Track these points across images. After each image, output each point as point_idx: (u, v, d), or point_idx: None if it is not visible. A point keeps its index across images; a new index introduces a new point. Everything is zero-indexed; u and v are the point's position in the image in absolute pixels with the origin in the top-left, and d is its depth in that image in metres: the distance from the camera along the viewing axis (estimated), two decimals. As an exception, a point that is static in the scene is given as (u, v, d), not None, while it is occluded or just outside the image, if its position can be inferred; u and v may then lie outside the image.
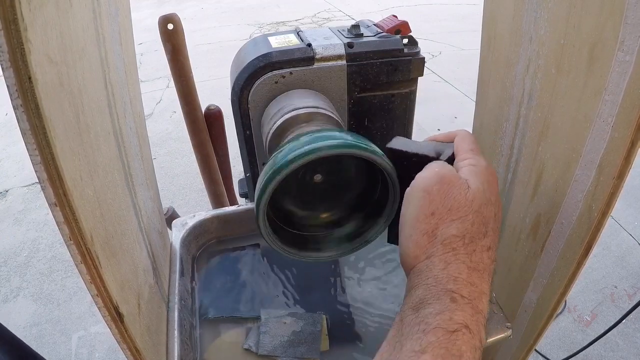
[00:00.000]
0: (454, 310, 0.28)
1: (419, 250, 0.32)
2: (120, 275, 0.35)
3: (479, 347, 0.28)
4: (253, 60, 0.52)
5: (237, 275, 0.62)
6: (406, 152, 0.39)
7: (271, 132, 0.49)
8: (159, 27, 0.77)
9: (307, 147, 0.37)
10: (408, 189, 0.35)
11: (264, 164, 0.59)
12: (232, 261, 0.64)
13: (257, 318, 0.55)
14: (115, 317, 0.32)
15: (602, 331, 0.88)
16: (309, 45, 0.53)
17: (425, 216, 0.33)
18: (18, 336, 0.68)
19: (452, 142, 0.39)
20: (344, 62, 0.53)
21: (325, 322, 0.55)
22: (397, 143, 0.41)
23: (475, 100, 0.64)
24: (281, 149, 0.39)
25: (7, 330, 0.60)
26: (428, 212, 0.33)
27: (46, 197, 0.25)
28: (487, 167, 0.35)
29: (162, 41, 0.79)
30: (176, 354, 0.46)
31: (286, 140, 0.46)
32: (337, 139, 0.38)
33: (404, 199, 0.35)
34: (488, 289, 0.31)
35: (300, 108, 0.49)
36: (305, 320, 0.55)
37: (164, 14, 0.77)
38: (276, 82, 0.52)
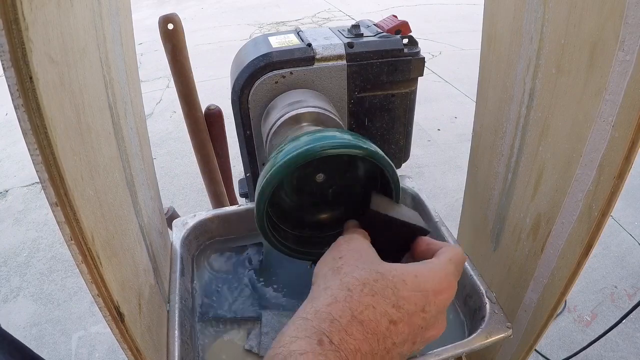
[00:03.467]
0: (317, 355, 0.27)
1: (320, 280, 0.33)
2: (121, 275, 0.35)
3: None
4: (253, 60, 0.52)
5: (238, 275, 0.62)
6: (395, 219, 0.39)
7: (271, 132, 0.49)
8: (159, 27, 0.77)
9: (307, 147, 0.37)
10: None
11: (264, 164, 0.59)
12: (232, 261, 0.64)
13: (258, 318, 0.55)
14: (116, 317, 0.32)
15: (602, 331, 0.88)
16: (309, 45, 0.53)
17: (333, 258, 0.34)
18: (18, 336, 0.68)
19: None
20: (344, 62, 0.53)
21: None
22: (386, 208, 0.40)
23: (475, 100, 0.64)
24: (281, 148, 0.39)
25: (7, 333, 0.60)
26: (336, 256, 0.34)
27: (47, 197, 0.25)
28: (445, 276, 0.33)
29: (162, 41, 0.79)
30: (177, 354, 0.46)
31: (286, 140, 0.46)
32: (337, 139, 0.38)
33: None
34: (369, 352, 0.28)
35: (300, 108, 0.49)
36: (306, 320, 0.55)
37: (164, 14, 0.77)
38: (276, 82, 0.52)
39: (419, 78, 0.58)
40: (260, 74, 0.51)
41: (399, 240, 0.39)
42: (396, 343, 0.30)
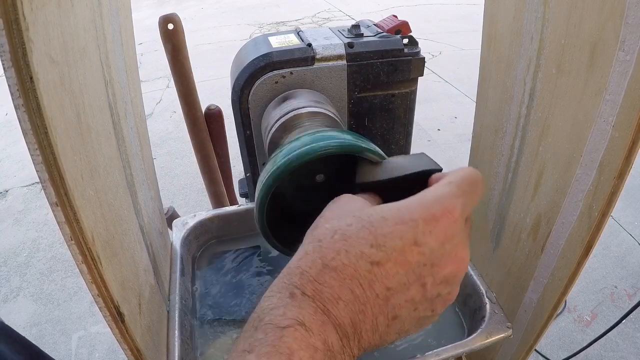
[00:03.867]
0: (289, 306, 0.25)
1: (305, 240, 0.30)
2: (121, 275, 0.35)
3: (321, 349, 0.24)
4: (253, 60, 0.52)
5: (238, 275, 0.62)
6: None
7: (271, 132, 0.49)
8: (159, 27, 0.77)
9: (307, 147, 0.37)
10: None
11: (264, 164, 0.59)
12: (232, 261, 0.64)
13: (258, 318, 0.55)
14: (116, 317, 0.32)
15: (602, 331, 0.88)
16: (309, 45, 0.53)
17: (320, 217, 0.31)
18: (18, 336, 0.68)
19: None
20: (344, 62, 0.53)
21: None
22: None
23: (475, 100, 0.64)
24: (281, 149, 0.39)
25: (13, 330, 0.60)
26: (322, 215, 0.31)
27: (47, 197, 0.25)
28: (440, 204, 0.28)
29: (162, 41, 0.80)
30: (177, 354, 0.46)
31: (286, 140, 0.46)
32: (337, 139, 0.38)
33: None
34: (353, 299, 0.26)
35: (300, 108, 0.49)
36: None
37: (164, 14, 0.77)
38: (276, 82, 0.52)
39: (419, 78, 0.58)
40: (260, 74, 0.51)
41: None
42: (392, 287, 0.26)
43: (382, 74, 0.55)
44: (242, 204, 0.70)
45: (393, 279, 0.26)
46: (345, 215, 0.29)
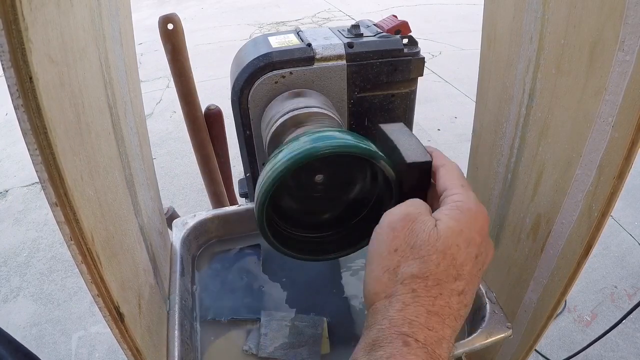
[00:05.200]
0: (406, 355, 0.27)
1: (379, 287, 0.31)
2: (121, 275, 0.35)
3: None
4: (253, 60, 0.52)
5: (238, 275, 0.62)
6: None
7: (271, 132, 0.49)
8: (159, 27, 0.77)
9: (307, 147, 0.37)
10: (377, 226, 0.34)
11: (264, 164, 0.59)
12: (232, 261, 0.64)
13: (258, 320, 0.55)
14: (116, 317, 0.32)
15: (602, 331, 0.88)
16: (309, 45, 0.53)
17: (389, 252, 0.31)
18: (18, 336, 0.68)
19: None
20: (344, 62, 0.53)
21: (326, 324, 0.55)
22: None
23: (475, 100, 0.64)
24: (281, 149, 0.39)
25: (6, 333, 0.60)
26: (391, 249, 0.31)
27: (47, 197, 0.25)
28: (475, 206, 0.33)
29: (162, 41, 0.79)
30: (177, 354, 0.46)
31: (286, 140, 0.46)
32: (338, 139, 0.38)
33: (373, 234, 0.34)
34: (451, 334, 0.29)
35: (300, 108, 0.49)
36: (306, 323, 0.55)
37: (164, 14, 0.77)
38: (276, 82, 0.52)
39: (419, 78, 0.58)
40: (260, 74, 0.51)
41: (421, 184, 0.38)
42: (467, 304, 0.31)
43: (382, 74, 0.55)
44: (242, 204, 0.70)
45: (468, 298, 0.31)
46: (423, 248, 0.31)
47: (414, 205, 0.34)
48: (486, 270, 0.34)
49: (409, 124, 0.62)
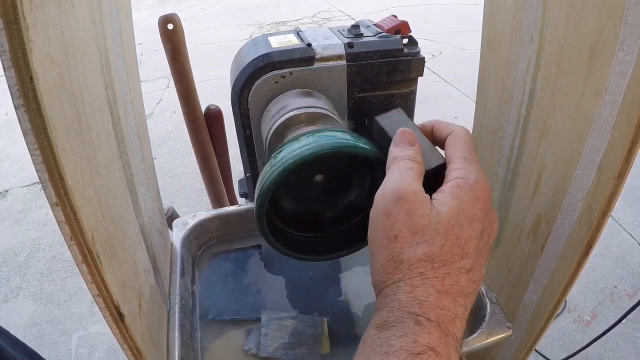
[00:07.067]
0: (418, 333, 0.27)
1: (386, 275, 0.31)
2: (121, 275, 0.35)
3: None
4: (253, 60, 0.52)
5: (238, 276, 0.62)
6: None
7: (271, 132, 0.49)
8: (159, 27, 0.77)
9: (307, 147, 0.37)
10: (371, 210, 0.33)
11: (264, 164, 0.59)
12: (232, 262, 0.64)
13: (258, 320, 0.55)
14: (116, 317, 0.32)
15: (602, 331, 0.88)
16: (309, 45, 0.53)
17: (389, 241, 0.31)
18: (18, 336, 0.68)
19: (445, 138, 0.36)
20: (344, 62, 0.53)
21: (326, 324, 0.55)
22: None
23: (475, 100, 0.64)
24: (281, 149, 0.39)
25: (10, 333, 0.60)
26: (391, 236, 0.31)
27: (47, 197, 0.25)
28: (476, 181, 0.32)
29: (162, 41, 0.79)
30: (177, 354, 0.46)
31: (286, 140, 0.46)
32: (338, 138, 0.38)
33: (369, 221, 0.33)
34: (463, 312, 0.29)
35: (300, 108, 0.49)
36: (307, 323, 0.55)
37: (164, 14, 0.77)
38: (276, 82, 0.52)
39: (419, 78, 0.58)
40: (260, 74, 0.51)
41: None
42: (477, 280, 0.31)
43: (382, 74, 0.55)
44: (242, 204, 0.70)
45: (477, 274, 0.31)
46: (426, 232, 0.30)
47: (405, 182, 0.32)
48: (488, 270, 0.34)
49: (409, 124, 0.62)
